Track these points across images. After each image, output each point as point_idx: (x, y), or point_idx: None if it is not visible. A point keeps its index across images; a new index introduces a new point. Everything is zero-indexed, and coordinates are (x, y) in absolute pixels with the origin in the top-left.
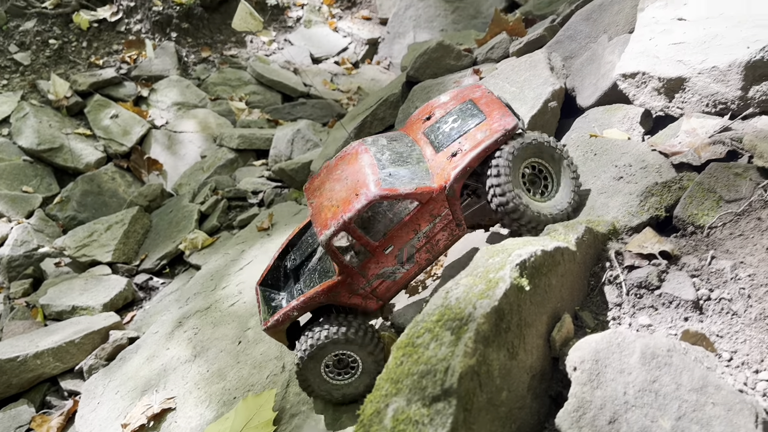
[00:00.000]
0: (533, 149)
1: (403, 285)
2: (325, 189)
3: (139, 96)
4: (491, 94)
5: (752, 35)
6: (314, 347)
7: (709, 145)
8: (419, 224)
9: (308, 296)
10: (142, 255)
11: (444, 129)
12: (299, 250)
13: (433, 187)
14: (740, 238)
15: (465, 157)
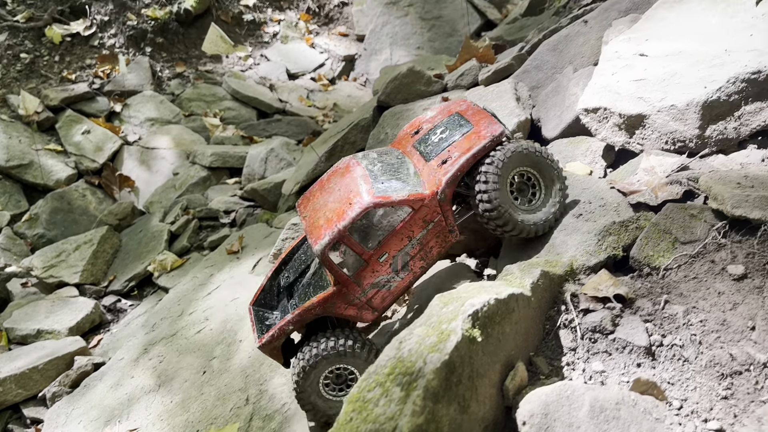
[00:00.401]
0: (523, 158)
1: (398, 295)
2: (318, 202)
3: (112, 111)
4: (477, 106)
5: (709, 75)
6: (310, 363)
7: (666, 185)
8: (413, 231)
9: (303, 308)
10: (111, 276)
11: (433, 140)
12: (292, 267)
13: (425, 194)
14: (694, 281)
15: (455, 163)
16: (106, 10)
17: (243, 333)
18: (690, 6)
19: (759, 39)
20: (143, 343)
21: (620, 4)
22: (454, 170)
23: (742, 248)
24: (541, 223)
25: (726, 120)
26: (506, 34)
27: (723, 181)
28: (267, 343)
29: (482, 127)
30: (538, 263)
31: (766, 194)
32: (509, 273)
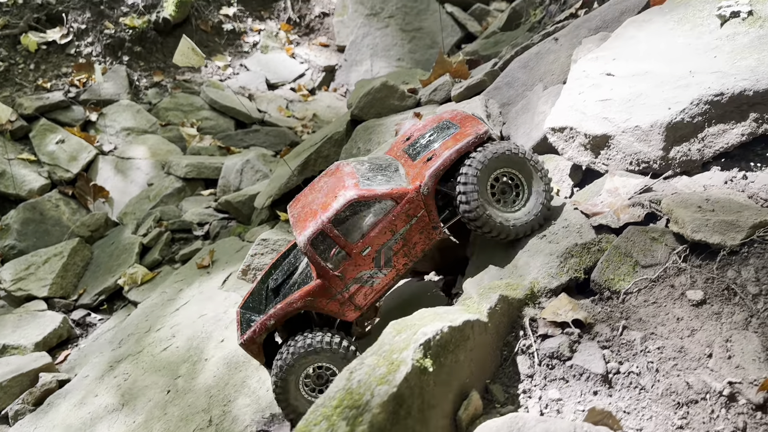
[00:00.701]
0: (504, 159)
1: (381, 292)
2: (306, 201)
3: (88, 120)
4: (466, 113)
5: (673, 96)
6: (288, 362)
7: (629, 207)
8: (396, 225)
9: (286, 302)
10: (81, 289)
11: (421, 142)
12: (282, 269)
13: (409, 188)
14: (654, 306)
15: (439, 158)
16: (83, 18)
17: (209, 351)
18: (658, 26)
19: (722, 60)
20: (109, 360)
21: (591, 21)
22: (437, 165)
23: (701, 273)
24: (522, 225)
25: (690, 142)
26: (481, 49)
27: (684, 204)
28: (249, 340)
29: (467, 128)
30: (499, 286)
31: (726, 219)
32: (468, 297)
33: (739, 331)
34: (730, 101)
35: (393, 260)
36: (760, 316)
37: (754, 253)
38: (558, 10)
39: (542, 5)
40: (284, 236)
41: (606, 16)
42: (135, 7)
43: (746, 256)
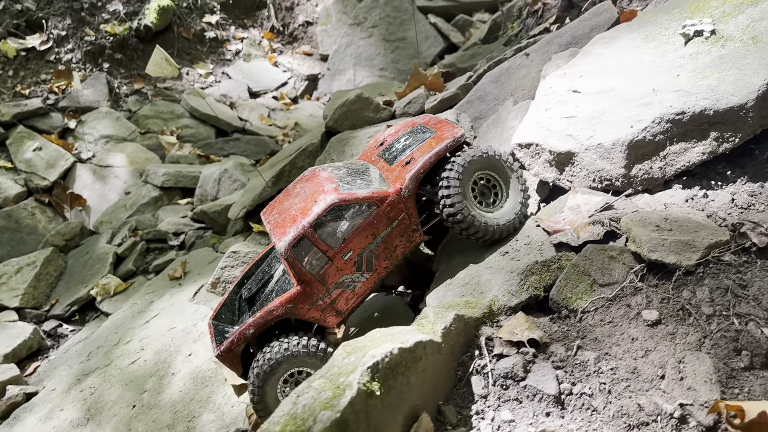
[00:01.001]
0: (483, 162)
1: (363, 297)
2: (283, 207)
3: (66, 128)
4: (438, 117)
5: (636, 114)
6: (266, 368)
7: (589, 225)
8: (377, 228)
9: (266, 310)
10: (54, 299)
11: (397, 147)
12: (255, 278)
13: (390, 191)
14: (609, 326)
15: (418, 162)
16: (63, 25)
17: (176, 365)
18: (625, 43)
19: (685, 79)
20: (77, 372)
21: (561, 37)
22: (417, 168)
23: (657, 293)
24: (504, 225)
25: (651, 160)
26: (458, 62)
27: (643, 222)
28: (226, 351)
29: (444, 132)
30: (457, 304)
31: (682, 238)
32: (424, 316)
33: (692, 352)
34: (691, 120)
35: (374, 264)
36: (713, 337)
37: (709, 273)
38: (534, 24)
39: (520, 18)
40: (255, 248)
41: (576, 32)
42: (116, 14)
43: (701, 277)
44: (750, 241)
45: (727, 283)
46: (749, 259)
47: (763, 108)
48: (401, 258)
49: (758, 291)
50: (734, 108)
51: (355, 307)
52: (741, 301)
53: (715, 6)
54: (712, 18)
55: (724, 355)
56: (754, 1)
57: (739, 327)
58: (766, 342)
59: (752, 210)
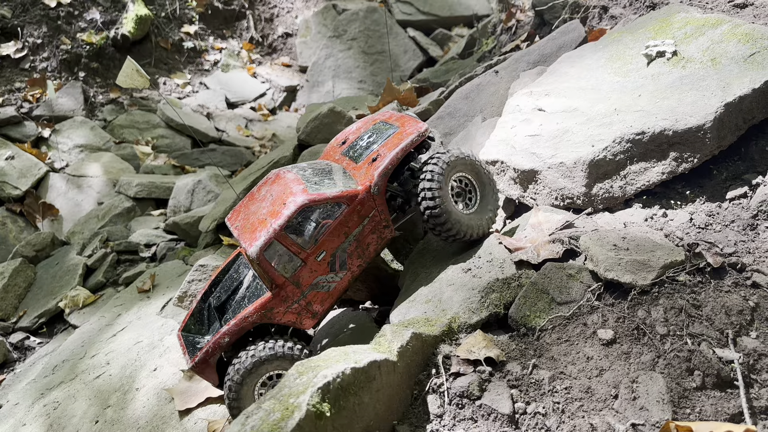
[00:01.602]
0: (463, 163)
1: (337, 297)
2: (249, 211)
3: (40, 137)
4: (399, 113)
5: (597, 134)
6: (247, 367)
7: (549, 243)
8: (349, 227)
9: (240, 317)
10: (22, 311)
11: (361, 144)
12: (223, 287)
13: (359, 189)
14: (566, 344)
15: (385, 158)
16: (39, 33)
17: (140, 381)
18: (590, 62)
19: (645, 99)
20: (41, 386)
21: (530, 55)
22: (385, 163)
23: (613, 312)
24: (476, 227)
25: (612, 179)
26: (432, 77)
27: (601, 242)
28: (201, 362)
29: (407, 127)
30: (417, 321)
31: (638, 258)
32: (382, 334)
33: (645, 371)
34: (651, 140)
35: (348, 263)
36: (667, 357)
37: (664, 293)
38: (508, 40)
39: (494, 35)
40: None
41: (544, 50)
42: (93, 23)
43: (656, 296)
44: (705, 261)
45: (681, 303)
46: (703, 280)
47: (721, 129)
48: (374, 255)
49: (711, 311)
50: (693, 129)
51: (330, 307)
52: (694, 321)
53: (677, 27)
54: (674, 39)
55: (676, 375)
56: (715, 24)
57: (692, 347)
58: (718, 362)
59: (709, 230)
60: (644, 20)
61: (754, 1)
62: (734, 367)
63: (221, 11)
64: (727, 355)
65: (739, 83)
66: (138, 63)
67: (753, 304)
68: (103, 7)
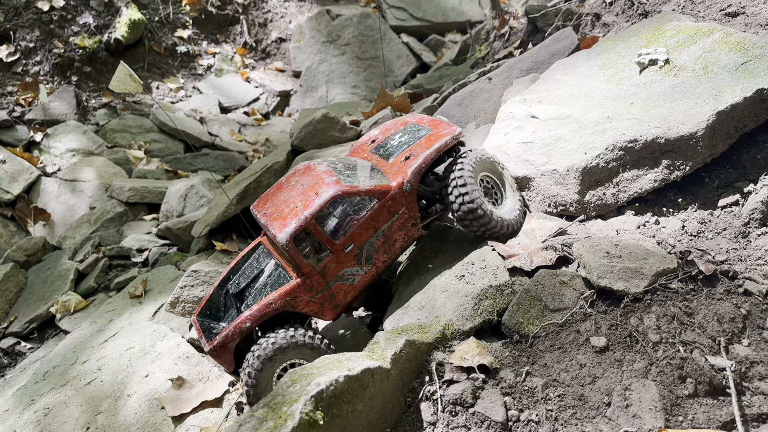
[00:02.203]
0: (487, 164)
1: (360, 291)
2: (279, 199)
3: (32, 141)
4: (431, 117)
5: (590, 142)
6: (268, 354)
7: (542, 250)
8: (378, 222)
9: (264, 303)
10: (12, 316)
11: (392, 143)
12: (244, 274)
13: (392, 185)
14: (559, 352)
15: (419, 157)
16: (31, 37)
17: (132, 387)
18: (583, 70)
19: (638, 108)
20: (32, 392)
21: (523, 62)
22: (419, 162)
23: (606, 319)
24: (510, 222)
25: (605, 186)
26: (426, 83)
27: (594, 249)
28: (219, 346)
29: (441, 129)
30: (411, 329)
31: (631, 265)
32: (376, 341)
33: (638, 379)
34: (643, 148)
35: (374, 257)
36: (659, 365)
37: (656, 300)
38: (501, 47)
39: (487, 41)
40: (216, 268)
41: (537, 57)
42: (86, 27)
43: (649, 304)
44: (697, 268)
45: (674, 311)
46: (696, 287)
47: (713, 137)
48: (399, 253)
49: (703, 319)
50: (685, 137)
51: (352, 300)
52: (687, 329)
53: (670, 35)
54: (666, 47)
55: (669, 382)
56: (707, 32)
57: (685, 355)
58: (710, 370)
59: (701, 237)
60: (636, 28)
61: (745, 9)
62: (726, 375)
63: (215, 16)
64: (719, 363)
65: (731, 92)
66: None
67: (745, 311)
68: (96, 11)
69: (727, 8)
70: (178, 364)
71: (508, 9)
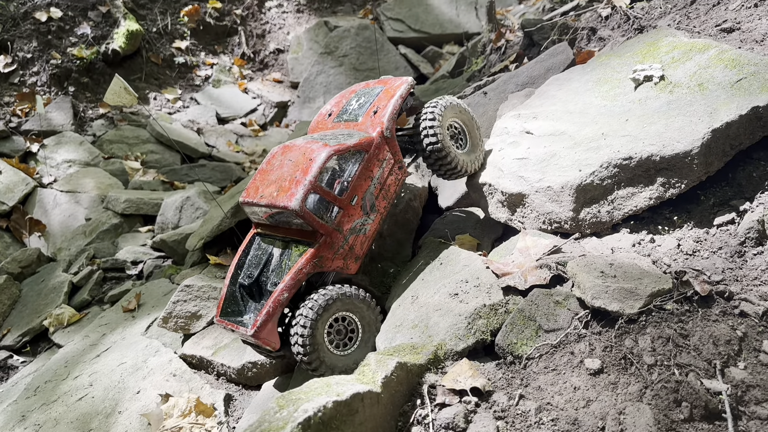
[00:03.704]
0: (457, 110)
1: (372, 238)
2: (270, 180)
3: (28, 152)
4: (375, 79)
5: (585, 158)
6: (321, 305)
7: (536, 269)
8: (371, 171)
9: (294, 271)
10: (5, 329)
11: (352, 108)
12: (251, 265)
13: (373, 136)
14: (553, 374)
15: (388, 106)
16: (29, 48)
17: (123, 404)
18: (577, 85)
19: (633, 124)
20: (23, 408)
21: (518, 77)
22: (390, 109)
23: (600, 340)
24: (471, 162)
25: (599, 203)
26: (423, 96)
27: (588, 268)
28: (264, 324)
29: (392, 83)
30: (403, 349)
31: (625, 286)
32: (366, 363)
33: (633, 402)
34: (638, 165)
35: (376, 204)
36: (654, 388)
37: (651, 322)
38: (498, 60)
39: (483, 54)
40: (210, 282)
41: (533, 72)
42: (84, 38)
43: (644, 325)
44: (692, 289)
45: (669, 333)
46: (691, 308)
47: (708, 155)
48: (395, 196)
49: (699, 341)
50: (680, 155)
51: (368, 250)
52: (682, 351)
53: (665, 52)
54: (661, 63)
55: (664, 406)
56: (702, 49)
57: (680, 378)
58: (706, 394)
59: (697, 256)
60: (632, 43)
61: (740, 25)
62: (722, 399)
63: (213, 27)
64: (714, 387)
65: (726, 109)
66: (128, 78)
67: (741, 333)
68: (94, 22)
69: (722, 24)
70: (170, 381)
71: (504, 22)
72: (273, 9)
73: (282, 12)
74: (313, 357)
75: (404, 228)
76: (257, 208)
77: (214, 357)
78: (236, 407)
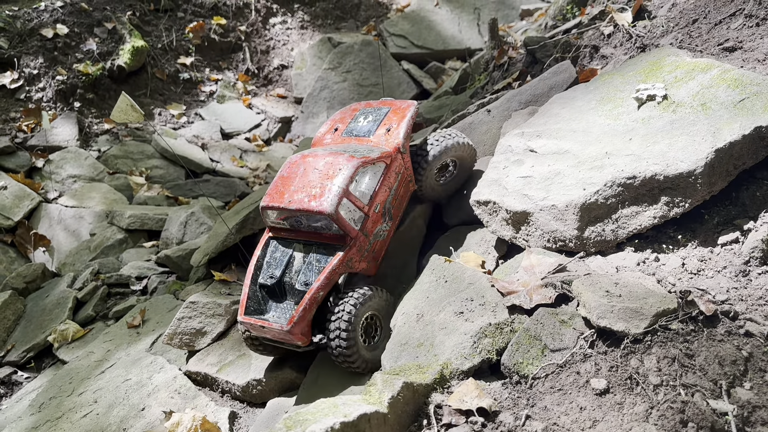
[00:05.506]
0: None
1: (388, 243)
2: (296, 187)
3: (33, 167)
4: (376, 100)
5: (589, 177)
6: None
7: (541, 287)
8: (390, 182)
9: (328, 270)
10: (10, 345)
11: (360, 125)
12: (270, 266)
13: (391, 151)
14: (559, 394)
15: (401, 125)
16: (35, 64)
17: (128, 421)
18: (581, 104)
19: (636, 143)
20: (27, 425)
21: (522, 95)
22: (404, 129)
23: (606, 360)
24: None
25: (604, 222)
26: (426, 112)
27: (593, 287)
28: (300, 320)
29: (399, 104)
30: (408, 369)
31: (631, 305)
32: (373, 383)
33: (639, 423)
34: (642, 184)
35: (392, 213)
36: (660, 408)
37: (657, 341)
38: (501, 77)
39: (486, 71)
40: (214, 299)
41: (536, 90)
42: (90, 54)
43: (649, 345)
44: (698, 309)
45: (675, 353)
46: (696, 328)
47: (712, 175)
48: (404, 207)
49: (704, 361)
50: (683, 174)
51: (384, 253)
52: (688, 371)
53: (668, 71)
54: (664, 83)
55: (670, 427)
56: (705, 68)
57: (686, 398)
58: (712, 414)
59: (701, 276)
60: (635, 62)
61: (743, 44)
62: (728, 420)
63: (218, 43)
64: (720, 407)
65: (729, 129)
66: (133, 94)
67: (746, 353)
68: (100, 39)
69: (724, 43)
70: (175, 398)
71: (506, 38)
72: (277, 25)
73: (286, 28)
74: (353, 350)
75: (409, 246)
76: (283, 213)
77: (219, 374)
78: (241, 425)
